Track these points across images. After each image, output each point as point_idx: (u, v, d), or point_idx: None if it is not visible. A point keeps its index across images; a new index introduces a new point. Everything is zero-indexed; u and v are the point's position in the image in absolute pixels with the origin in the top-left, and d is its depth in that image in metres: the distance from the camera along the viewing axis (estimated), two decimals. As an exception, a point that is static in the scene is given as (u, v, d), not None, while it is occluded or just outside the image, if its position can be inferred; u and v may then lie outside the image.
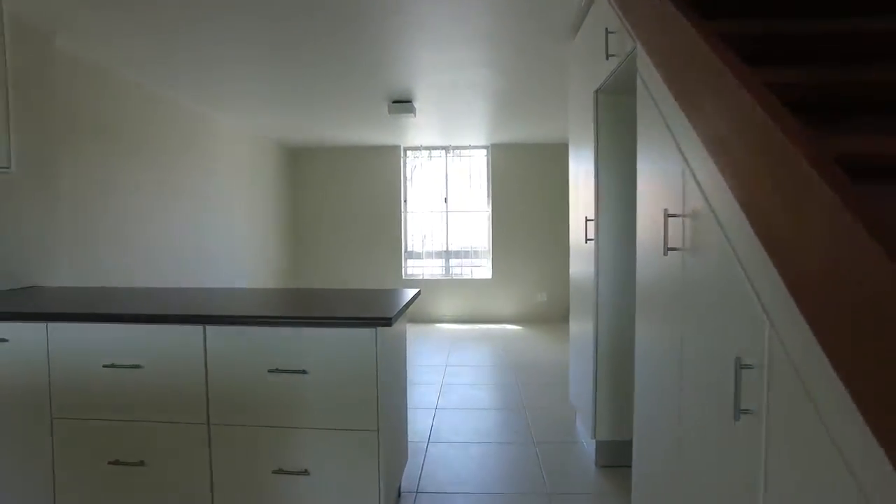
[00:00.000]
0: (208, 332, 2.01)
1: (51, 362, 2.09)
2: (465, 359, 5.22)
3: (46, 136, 3.05)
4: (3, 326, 2.11)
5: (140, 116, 4.14)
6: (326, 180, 7.45)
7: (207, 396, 2.03)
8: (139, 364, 2.05)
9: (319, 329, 1.95)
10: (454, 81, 4.16)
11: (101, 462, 2.09)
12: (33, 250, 2.97)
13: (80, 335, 2.08)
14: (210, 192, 5.23)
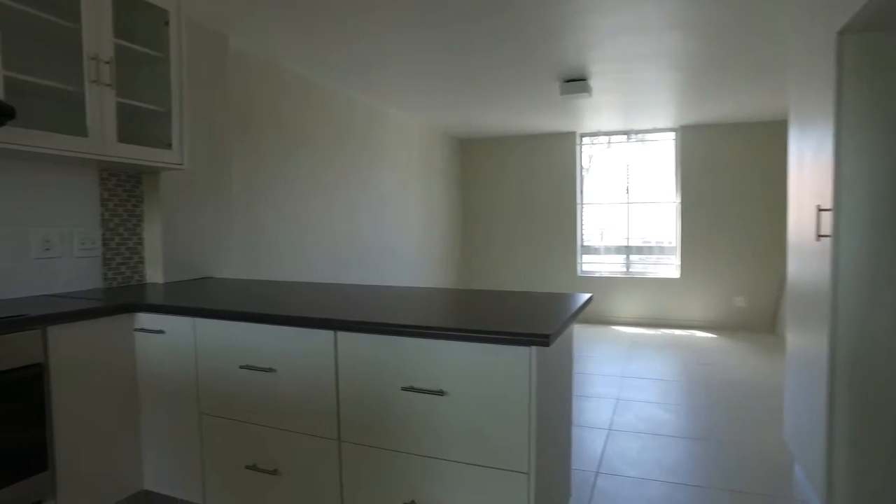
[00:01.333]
0: (339, 339, 1.80)
1: (198, 358, 2.06)
2: (646, 369, 4.57)
3: (220, 133, 3.15)
4: (161, 319, 2.13)
5: (310, 111, 4.21)
6: (496, 172, 7.18)
7: (338, 410, 1.82)
8: (272, 367, 1.91)
9: (461, 343, 1.62)
10: (636, 51, 3.56)
11: (240, 464, 2.00)
12: (208, 243, 3.09)
13: (220, 333, 2.01)
14: (379, 185, 5.24)
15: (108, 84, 2.30)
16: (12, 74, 2.02)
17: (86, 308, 2.02)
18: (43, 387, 1.88)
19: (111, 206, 2.68)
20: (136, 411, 2.19)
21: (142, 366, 2.19)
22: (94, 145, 2.27)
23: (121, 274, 2.73)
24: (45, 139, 2.10)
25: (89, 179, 2.58)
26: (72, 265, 2.51)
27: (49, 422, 1.90)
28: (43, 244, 2.40)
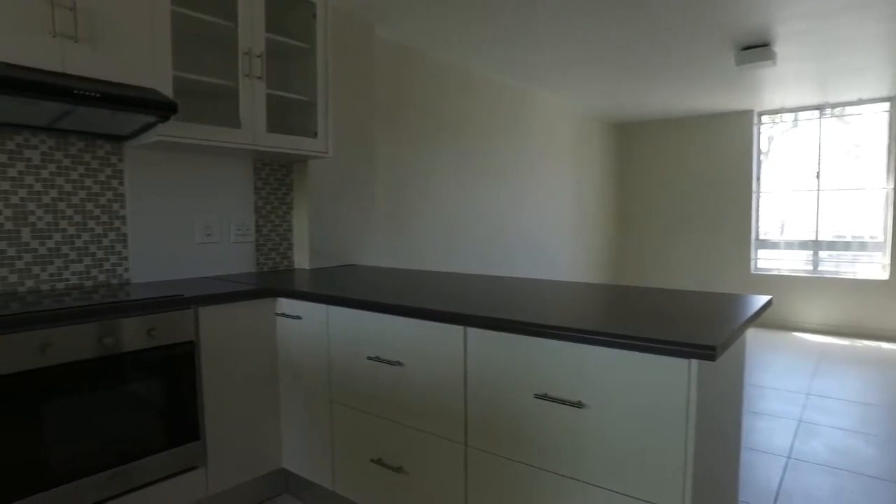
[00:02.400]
0: (469, 335, 1.65)
1: (330, 345, 2.05)
2: (840, 388, 3.84)
3: (365, 121, 3.18)
4: (298, 304, 2.16)
5: (454, 97, 4.13)
6: (657, 158, 6.58)
7: (466, 411, 1.68)
8: (400, 361, 1.83)
9: (605, 350, 1.38)
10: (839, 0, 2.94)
11: (367, 457, 1.96)
12: (352, 231, 3.14)
13: (351, 321, 1.97)
14: (526, 173, 5.04)
15: (259, 77, 2.39)
16: (179, 74, 2.17)
17: (232, 291, 2.11)
18: (194, 363, 1.99)
19: (264, 195, 2.81)
20: (276, 392, 2.26)
21: (282, 349, 2.24)
22: (246, 136, 2.37)
23: (271, 259, 2.86)
24: (202, 132, 2.22)
25: (245, 169, 2.73)
26: (228, 250, 2.68)
27: (200, 396, 2.02)
28: (204, 230, 2.58)
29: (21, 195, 2.05)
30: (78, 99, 1.75)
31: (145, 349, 1.87)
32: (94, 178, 2.22)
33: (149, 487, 1.89)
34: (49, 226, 2.11)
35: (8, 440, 1.59)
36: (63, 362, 1.69)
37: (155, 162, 2.40)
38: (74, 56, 1.88)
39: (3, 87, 1.63)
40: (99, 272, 2.25)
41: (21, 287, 2.06)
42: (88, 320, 1.74)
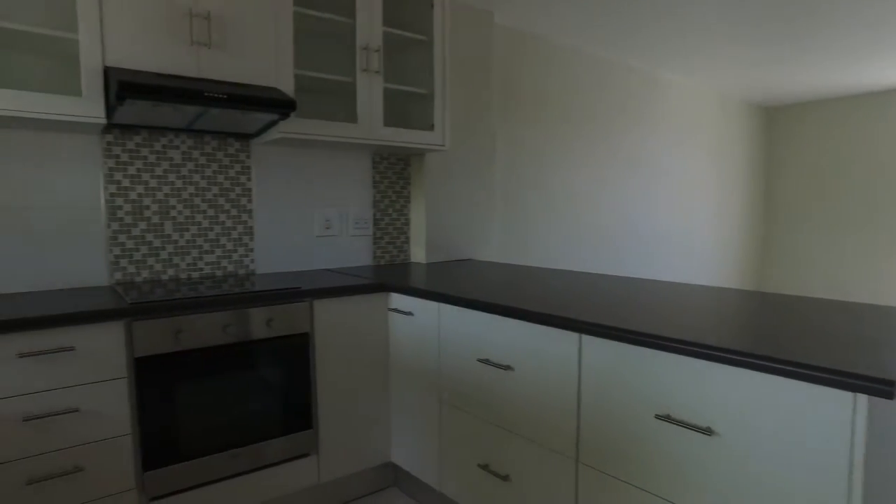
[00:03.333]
0: (584, 344, 1.52)
1: (440, 344, 2.01)
2: None
3: (483, 113, 3.10)
4: (410, 300, 2.14)
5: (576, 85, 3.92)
6: (814, 144, 5.81)
7: (578, 425, 1.55)
8: (510, 365, 1.73)
9: (742, 371, 1.19)
10: None
11: (474, 461, 1.90)
12: (469, 225, 3.09)
13: (461, 321, 1.91)
14: (656, 164, 4.68)
15: (376, 71, 2.40)
16: (300, 72, 2.23)
17: (346, 285, 2.14)
18: (309, 354, 2.05)
19: (382, 188, 2.84)
20: (387, 386, 2.27)
21: (393, 344, 2.25)
22: (363, 131, 2.39)
23: (388, 253, 2.89)
24: (320, 127, 2.28)
25: (364, 163, 2.77)
26: (347, 243, 2.74)
27: (313, 386, 2.07)
28: (324, 223, 2.66)
29: (165, 191, 2.23)
30: (208, 101, 1.85)
31: (264, 339, 1.95)
32: (225, 174, 2.37)
33: (265, 470, 1.98)
34: (187, 219, 2.28)
35: (147, 417, 1.73)
36: (193, 348, 1.80)
37: (278, 158, 2.51)
38: (208, 61, 1.99)
39: (150, 95, 1.76)
40: (228, 263, 2.40)
41: (164, 275, 2.24)
42: (215, 310, 1.84)
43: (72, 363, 1.60)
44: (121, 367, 1.68)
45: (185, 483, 1.81)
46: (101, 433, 1.66)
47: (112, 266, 2.13)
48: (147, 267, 2.21)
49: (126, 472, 1.71)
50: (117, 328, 1.67)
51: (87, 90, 1.79)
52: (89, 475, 1.65)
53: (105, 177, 2.10)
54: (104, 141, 2.09)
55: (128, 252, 2.16)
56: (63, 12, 1.90)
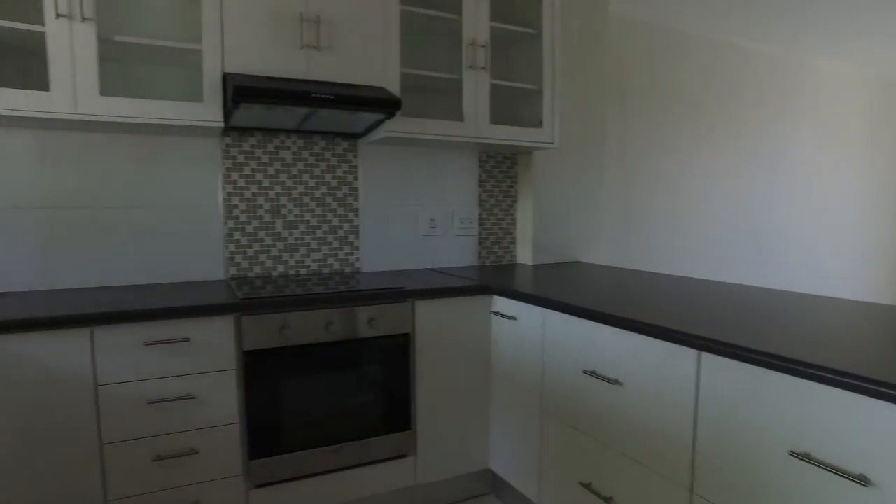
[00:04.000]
0: (704, 362, 1.35)
1: (544, 352, 1.91)
2: None
3: (595, 108, 2.93)
4: (513, 304, 2.06)
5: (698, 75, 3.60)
6: None
7: (694, 452, 1.39)
8: (618, 380, 1.60)
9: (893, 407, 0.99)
10: None
11: (575, 478, 1.77)
12: (578, 226, 2.94)
13: (567, 328, 1.80)
14: (793, 161, 4.20)
15: (482, 67, 2.33)
16: (406, 70, 2.22)
17: (448, 286, 2.10)
18: (409, 355, 2.04)
19: (488, 188, 2.78)
20: (488, 392, 2.20)
21: (495, 349, 2.17)
22: (469, 129, 2.34)
23: (493, 253, 2.82)
24: (425, 126, 2.25)
25: (470, 162, 2.72)
26: (451, 243, 2.71)
27: (413, 387, 2.05)
28: (429, 222, 2.64)
29: (276, 190, 2.32)
30: (315, 102, 1.89)
31: (365, 338, 1.96)
32: (332, 173, 2.42)
33: (363, 467, 1.99)
34: (297, 218, 2.36)
35: (254, 408, 1.79)
36: (297, 344, 1.85)
37: (385, 157, 2.52)
38: (317, 63, 2.04)
39: (262, 98, 1.83)
40: (334, 261, 2.45)
41: (274, 271, 2.34)
42: (318, 308, 1.88)
43: (188, 353, 1.70)
44: (230, 359, 1.76)
45: (287, 474, 1.87)
46: (213, 420, 1.75)
47: (228, 262, 2.26)
48: (259, 263, 2.31)
49: (234, 459, 1.79)
50: (227, 322, 1.75)
51: (207, 96, 1.89)
52: (203, 458, 1.74)
53: (223, 177, 2.22)
54: (223, 143, 2.21)
55: (242, 248, 2.28)
56: (190, 26, 2.02)
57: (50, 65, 1.70)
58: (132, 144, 2.09)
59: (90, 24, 1.72)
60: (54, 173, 1.99)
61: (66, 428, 1.57)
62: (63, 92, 1.71)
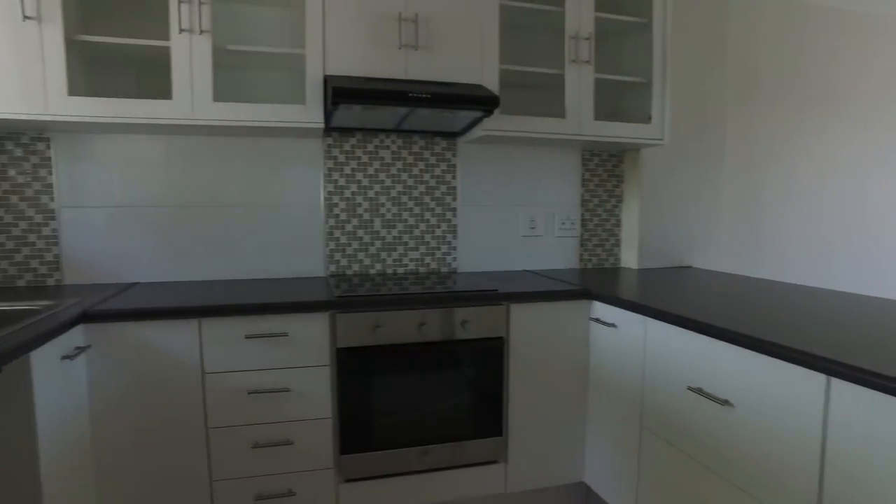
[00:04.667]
0: (833, 390, 1.17)
1: (646, 364, 1.77)
2: None
3: (712, 100, 2.70)
4: (613, 311, 1.94)
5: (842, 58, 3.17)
6: None
7: (820, 492, 1.21)
8: (728, 401, 1.44)
9: None
10: None
11: (677, 502, 1.63)
12: (690, 228, 2.72)
13: (671, 340, 1.65)
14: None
15: (586, 61, 2.22)
16: (505, 66, 2.17)
17: (545, 290, 2.02)
18: (503, 359, 1.98)
19: (591, 187, 2.65)
20: (584, 402, 2.09)
21: (594, 357, 2.06)
22: (571, 126, 2.24)
23: (595, 256, 2.69)
24: (525, 124, 2.18)
25: (572, 160, 2.61)
26: (551, 244, 2.61)
27: (505, 393, 2.00)
28: (528, 223, 2.57)
29: (376, 189, 2.36)
30: (412, 101, 1.89)
31: (458, 340, 1.93)
32: (431, 172, 2.42)
33: (452, 470, 1.96)
34: (395, 217, 2.39)
35: (346, 404, 1.83)
36: (389, 343, 1.86)
37: (484, 156, 2.48)
38: (415, 62, 2.04)
39: (359, 98, 1.86)
40: (431, 260, 2.45)
41: (371, 270, 2.38)
42: (411, 308, 1.88)
43: (285, 347, 1.77)
44: (325, 355, 1.80)
45: (376, 471, 1.89)
46: (308, 413, 1.80)
47: (327, 259, 2.33)
48: (357, 261, 2.36)
49: (326, 452, 1.83)
50: (323, 319, 1.80)
51: (309, 98, 1.96)
52: (297, 449, 1.81)
53: (324, 176, 2.30)
54: (325, 144, 2.29)
55: (341, 247, 2.34)
56: (294, 31, 2.11)
57: (173, 75, 1.84)
58: (244, 146, 2.22)
59: (207, 36, 1.85)
60: (178, 174, 2.17)
61: (178, 410, 1.70)
62: (182, 99, 1.85)
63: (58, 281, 2.09)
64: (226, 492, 1.77)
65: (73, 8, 1.87)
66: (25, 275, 2.06)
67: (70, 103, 1.77)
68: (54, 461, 1.41)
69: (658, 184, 2.63)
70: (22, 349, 1.27)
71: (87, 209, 2.10)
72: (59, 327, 1.44)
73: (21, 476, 1.33)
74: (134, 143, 2.12)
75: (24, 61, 1.73)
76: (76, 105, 1.78)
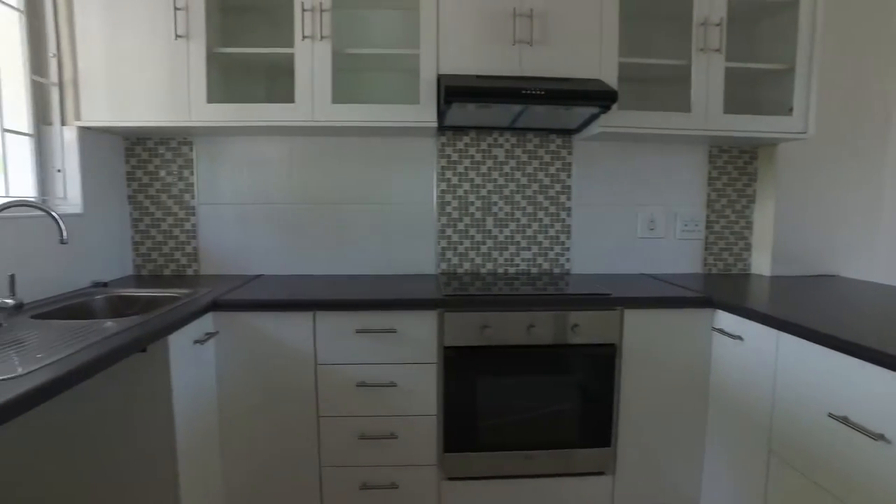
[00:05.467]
0: None
1: (776, 383, 1.60)
2: None
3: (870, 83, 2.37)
4: (740, 322, 1.77)
5: None
6: None
7: None
8: (884, 435, 1.25)
9: None
10: None
11: (814, 548, 1.45)
12: (837, 232, 2.41)
13: (808, 358, 1.47)
14: None
15: (716, 49, 2.04)
16: (625, 60, 2.05)
17: (663, 296, 1.89)
18: (614, 367, 1.88)
19: (719, 186, 2.44)
20: (703, 419, 1.93)
21: (715, 371, 1.89)
22: (697, 120, 2.07)
23: (722, 261, 2.47)
24: (645, 119, 2.06)
25: (698, 157, 2.42)
26: (672, 247, 2.44)
27: (615, 403, 1.90)
28: (648, 224, 2.42)
29: (488, 188, 2.34)
30: (525, 98, 1.85)
31: (567, 345, 1.86)
32: (545, 171, 2.36)
33: (557, 478, 1.90)
34: (507, 216, 2.36)
35: (451, 403, 1.84)
36: (496, 344, 1.84)
37: (600, 153, 2.38)
38: (530, 58, 1.99)
39: (471, 96, 1.86)
40: (543, 261, 2.39)
41: (482, 269, 2.37)
42: (519, 309, 1.84)
43: (394, 343, 1.81)
44: (432, 352, 1.82)
45: (479, 471, 1.87)
46: (413, 409, 1.83)
47: (439, 257, 2.35)
48: (469, 260, 2.36)
49: (430, 449, 1.85)
50: (431, 317, 1.81)
51: (423, 98, 1.98)
52: (401, 443, 1.84)
53: (437, 175, 2.32)
54: (438, 142, 2.31)
55: (452, 245, 2.35)
56: (408, 32, 2.13)
57: (296, 80, 1.95)
58: (360, 146, 2.30)
59: (327, 42, 1.93)
60: (299, 174, 2.30)
61: (293, 396, 1.81)
62: (304, 102, 1.95)
63: (195, 271, 2.30)
64: (333, 477, 1.85)
65: (214, 25, 2.04)
66: (170, 265, 2.29)
67: (208, 110, 1.94)
68: (187, 430, 1.56)
69: (799, 182, 2.36)
70: (163, 332, 1.41)
71: (220, 206, 2.29)
72: (193, 314, 1.58)
73: (160, 440, 1.49)
74: (260, 145, 2.28)
75: (174, 75, 1.93)
76: (213, 111, 1.95)
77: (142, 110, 1.94)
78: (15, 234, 1.63)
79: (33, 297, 1.69)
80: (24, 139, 1.88)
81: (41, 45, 1.90)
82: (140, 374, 1.46)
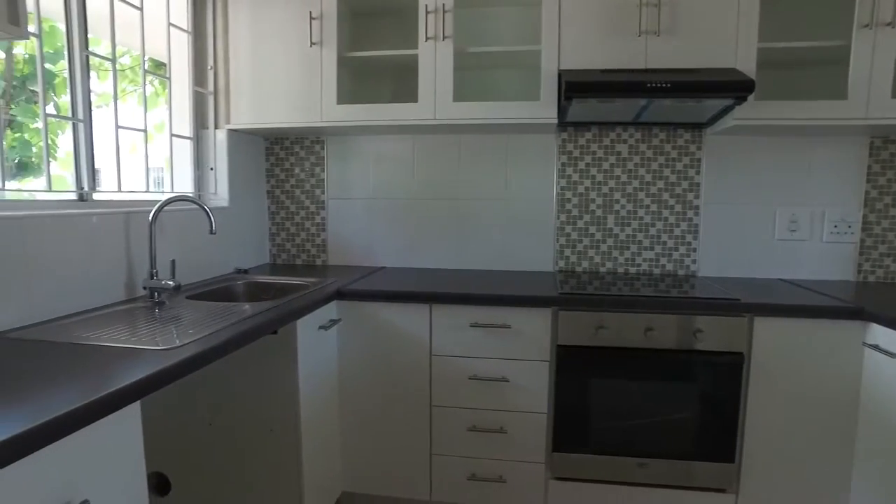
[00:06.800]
0: None
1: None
2: None
3: None
4: (897, 339, 1.56)
5: None
6: None
7: None
8: None
9: None
10: None
11: None
12: None
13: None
14: None
15: (888, 23, 1.80)
16: (765, 45, 1.89)
17: (803, 304, 1.72)
18: (741, 379, 1.75)
19: (880, 183, 2.15)
20: (850, 442, 1.73)
21: (867, 390, 1.69)
22: (854, 108, 1.85)
23: (881, 267, 2.18)
24: (788, 109, 1.88)
25: (854, 150, 2.15)
26: (817, 250, 2.21)
27: (742, 416, 1.77)
28: (788, 225, 2.21)
29: (610, 185, 2.27)
30: (649, 92, 1.76)
31: (688, 351, 1.76)
32: (671, 167, 2.23)
33: (671, 490, 1.81)
34: (629, 214, 2.27)
35: (562, 402, 1.82)
36: (611, 346, 1.79)
37: (734, 148, 2.20)
38: (656, 50, 1.90)
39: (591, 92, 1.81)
40: (667, 261, 2.27)
41: (602, 268, 2.30)
42: (638, 311, 1.77)
43: (507, 339, 1.82)
44: (545, 350, 1.81)
45: (588, 474, 1.84)
46: (523, 405, 1.84)
47: (557, 255, 2.33)
48: (587, 258, 2.31)
49: (538, 447, 1.85)
50: (545, 315, 1.80)
51: (544, 94, 1.96)
52: (510, 438, 1.86)
53: (558, 171, 2.29)
54: (559, 139, 2.27)
55: (571, 242, 2.31)
56: (530, 28, 2.12)
57: (419, 80, 2.02)
58: (480, 143, 2.33)
59: (449, 42, 1.98)
60: (420, 170, 2.38)
61: (408, 384, 1.89)
62: (426, 101, 2.02)
63: (323, 262, 2.48)
64: (443, 466, 1.91)
65: (345, 31, 2.17)
66: (302, 255, 2.49)
67: (338, 111, 2.08)
68: (310, 407, 1.70)
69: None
70: (292, 316, 1.55)
71: (347, 200, 2.44)
72: (319, 302, 1.72)
73: (286, 412, 1.64)
74: (386, 143, 2.40)
75: (308, 79, 2.09)
76: (343, 112, 2.09)
77: (279, 112, 2.13)
78: (176, 225, 1.87)
79: (189, 279, 1.93)
80: (186, 142, 2.14)
81: (202, 60, 2.15)
82: (271, 353, 1.61)
